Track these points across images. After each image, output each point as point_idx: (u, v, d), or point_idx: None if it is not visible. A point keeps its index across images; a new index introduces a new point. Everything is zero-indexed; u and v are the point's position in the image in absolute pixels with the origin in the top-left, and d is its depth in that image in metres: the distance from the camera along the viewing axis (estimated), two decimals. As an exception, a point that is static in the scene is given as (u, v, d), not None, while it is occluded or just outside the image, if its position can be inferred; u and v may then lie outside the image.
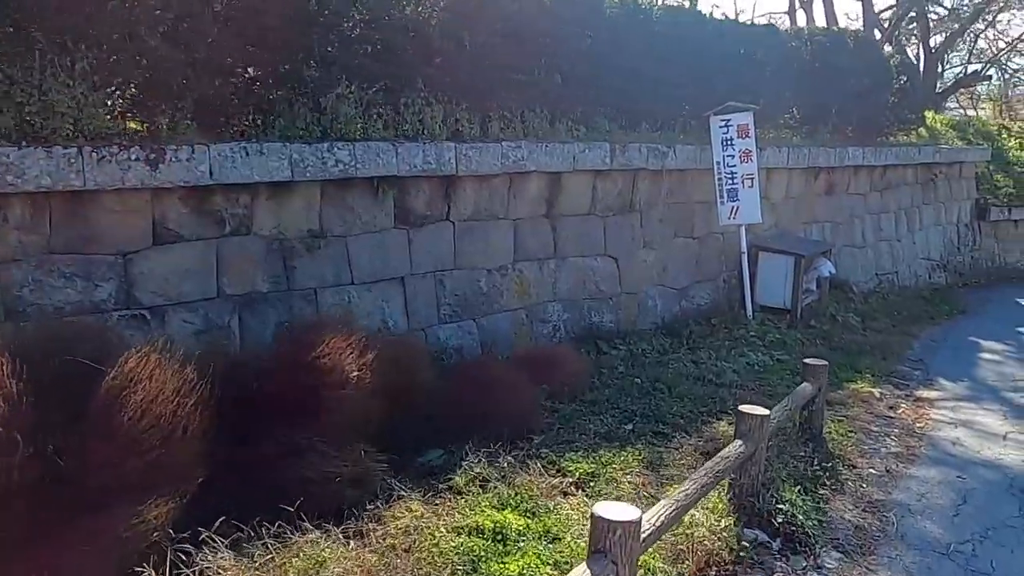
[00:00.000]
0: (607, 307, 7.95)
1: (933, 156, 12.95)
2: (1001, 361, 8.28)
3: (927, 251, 13.36)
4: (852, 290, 10.60)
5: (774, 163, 9.65)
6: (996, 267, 14.99)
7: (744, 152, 8.39)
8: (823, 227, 11.01)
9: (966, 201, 14.48)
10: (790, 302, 9.09)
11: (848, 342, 8.52)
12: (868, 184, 11.89)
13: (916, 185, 13.14)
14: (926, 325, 10.16)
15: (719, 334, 8.40)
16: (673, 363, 7.07)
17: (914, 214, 13.06)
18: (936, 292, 12.70)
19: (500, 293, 6.97)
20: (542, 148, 6.89)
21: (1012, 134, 17.19)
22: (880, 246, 12.20)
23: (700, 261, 9.05)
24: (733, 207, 8.59)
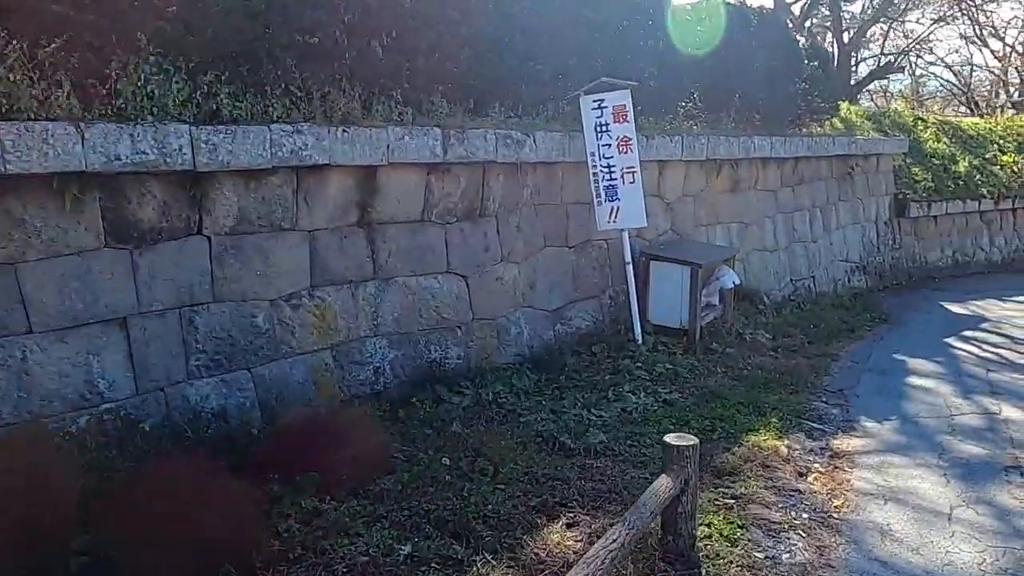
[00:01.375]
0: (453, 339, 6.22)
1: (848, 147, 11.74)
2: (932, 387, 6.91)
3: (845, 252, 12.16)
4: (763, 301, 9.18)
5: (666, 155, 8.13)
6: (918, 267, 13.97)
7: (622, 140, 6.80)
8: (729, 229, 9.57)
9: (884, 197, 13.39)
10: (687, 321, 7.56)
11: (755, 369, 7.02)
12: (779, 179, 10.55)
13: (832, 180, 11.91)
14: (846, 340, 8.80)
15: (601, 366, 6.79)
16: (528, 414, 5.40)
17: (830, 212, 11.82)
18: (856, 298, 11.47)
19: (290, 331, 5.15)
20: (337, 134, 5.11)
21: (928, 125, 16.34)
22: (794, 248, 10.87)
23: (578, 275, 7.43)
24: (613, 208, 6.99)
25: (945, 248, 14.55)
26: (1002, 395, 6.71)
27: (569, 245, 7.34)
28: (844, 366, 7.53)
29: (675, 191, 8.59)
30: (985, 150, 16.18)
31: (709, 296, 8.01)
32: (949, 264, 14.54)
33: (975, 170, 15.26)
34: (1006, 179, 15.52)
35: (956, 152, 15.55)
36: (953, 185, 14.54)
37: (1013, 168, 15.90)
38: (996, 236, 15.46)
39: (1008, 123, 18.37)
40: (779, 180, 10.55)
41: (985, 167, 15.59)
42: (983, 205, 14.80)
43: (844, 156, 11.98)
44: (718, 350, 7.44)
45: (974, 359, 8.16)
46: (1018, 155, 16.46)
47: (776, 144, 9.89)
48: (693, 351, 7.38)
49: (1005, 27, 28.14)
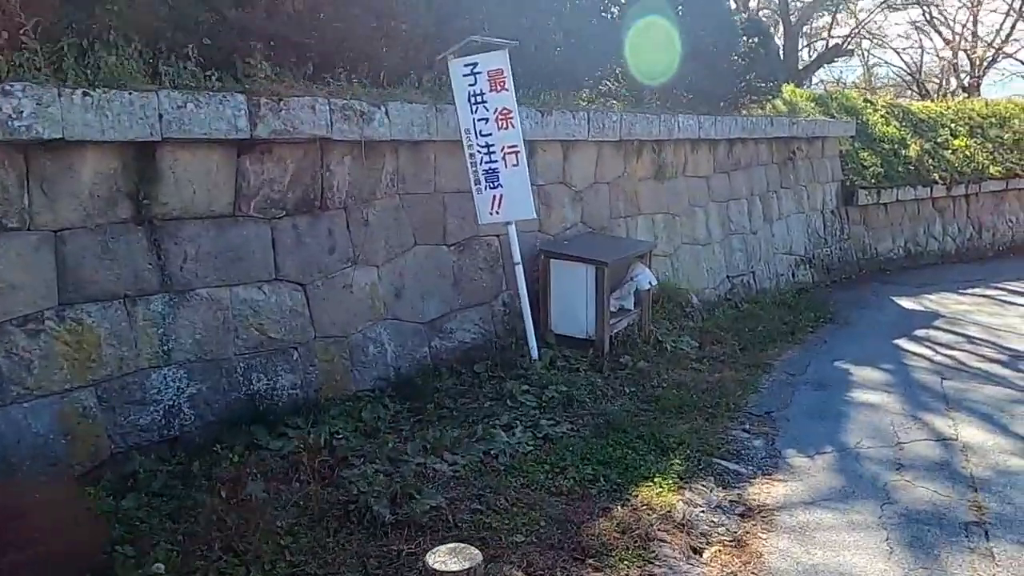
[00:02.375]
0: (285, 364, 4.93)
1: (790, 129, 10.68)
2: (879, 404, 5.81)
3: (789, 244, 11.12)
4: (691, 302, 8.04)
5: (570, 134, 6.91)
6: (867, 259, 13.02)
7: (501, 113, 5.56)
8: (653, 221, 8.41)
9: (831, 184, 12.40)
10: (593, 329, 6.37)
11: (671, 387, 5.86)
12: (712, 164, 9.43)
13: (772, 165, 10.85)
14: (784, 345, 7.70)
15: (482, 389, 5.56)
16: (358, 464, 4.13)
17: (771, 200, 10.76)
18: (801, 295, 10.42)
19: (23, 366, 3.82)
20: (75, 99, 3.78)
21: (877, 108, 15.45)
22: (731, 241, 9.77)
23: (462, 279, 6.18)
24: (494, 196, 5.75)
25: (896, 238, 13.65)
26: (959, 411, 5.65)
27: (449, 243, 6.09)
28: (777, 379, 6.41)
29: (585, 177, 7.39)
30: (937, 134, 15.33)
31: (622, 299, 6.83)
32: (901, 255, 13.64)
33: (926, 154, 14.39)
34: (958, 164, 14.68)
35: (907, 136, 14.67)
36: (904, 170, 13.64)
37: (965, 152, 15.08)
38: (949, 224, 14.62)
39: (960, 106, 17.61)
40: (712, 165, 9.43)
41: (937, 151, 14.74)
42: (935, 191, 13.93)
43: (786, 139, 10.93)
44: (629, 364, 6.26)
45: (927, 365, 7.12)
46: (970, 139, 15.67)
47: (706, 124, 8.76)
48: (599, 366, 6.19)
49: (955, 13, 27.73)
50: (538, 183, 6.84)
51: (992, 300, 10.55)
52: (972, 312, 9.75)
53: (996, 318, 9.43)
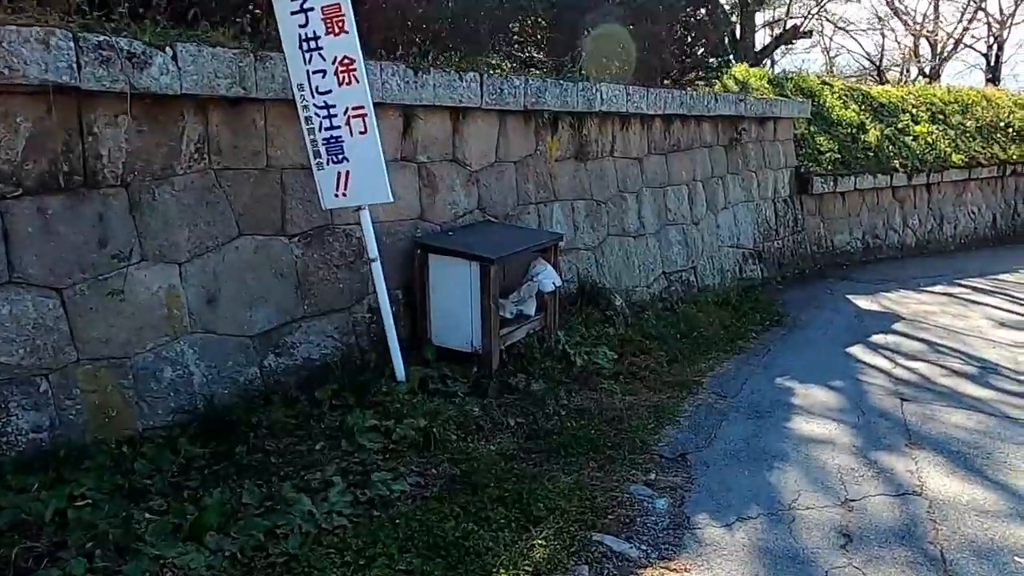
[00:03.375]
0: (26, 399, 3.60)
1: (737, 107, 9.51)
2: (825, 439, 4.66)
3: (736, 236, 9.98)
4: (614, 304, 6.82)
5: (460, 99, 5.62)
6: (823, 252, 11.98)
7: (342, 63, 4.24)
8: (573, 209, 7.17)
9: (784, 170, 11.30)
10: (480, 341, 5.12)
11: (568, 416, 4.66)
12: (645, 143, 8.21)
13: (718, 148, 9.68)
14: (721, 355, 6.55)
15: (322, 423, 4.30)
16: (64, 559, 2.83)
17: (716, 187, 9.59)
18: (748, 293, 9.29)
19: None
20: None
21: (836, 90, 14.43)
22: (668, 233, 8.58)
23: (308, 280, 4.88)
24: (339, 174, 4.46)
25: (854, 229, 12.63)
26: (923, 448, 4.53)
27: (291, 233, 4.77)
28: (705, 403, 5.23)
29: (482, 155, 6.11)
30: (897, 119, 14.36)
31: (520, 303, 5.59)
32: (859, 248, 12.64)
33: (887, 140, 13.41)
34: (920, 151, 13.72)
35: (866, 120, 13.66)
36: (863, 157, 12.62)
37: (927, 139, 14.14)
38: (910, 216, 13.67)
39: (921, 91, 16.70)
40: (646, 145, 8.22)
41: (897, 137, 13.76)
42: (896, 180, 12.94)
43: (733, 118, 9.77)
44: (521, 387, 5.03)
45: (885, 381, 6.01)
46: (932, 125, 14.75)
47: (635, 96, 7.53)
48: (484, 389, 4.95)
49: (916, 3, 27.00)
50: (419, 159, 5.56)
51: (955, 299, 9.55)
52: (935, 313, 8.72)
53: (960, 320, 8.41)
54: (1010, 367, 6.53)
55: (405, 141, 5.42)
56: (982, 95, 17.43)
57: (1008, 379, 6.18)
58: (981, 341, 7.44)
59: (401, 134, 5.39)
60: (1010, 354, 6.96)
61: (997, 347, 7.25)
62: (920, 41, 26.75)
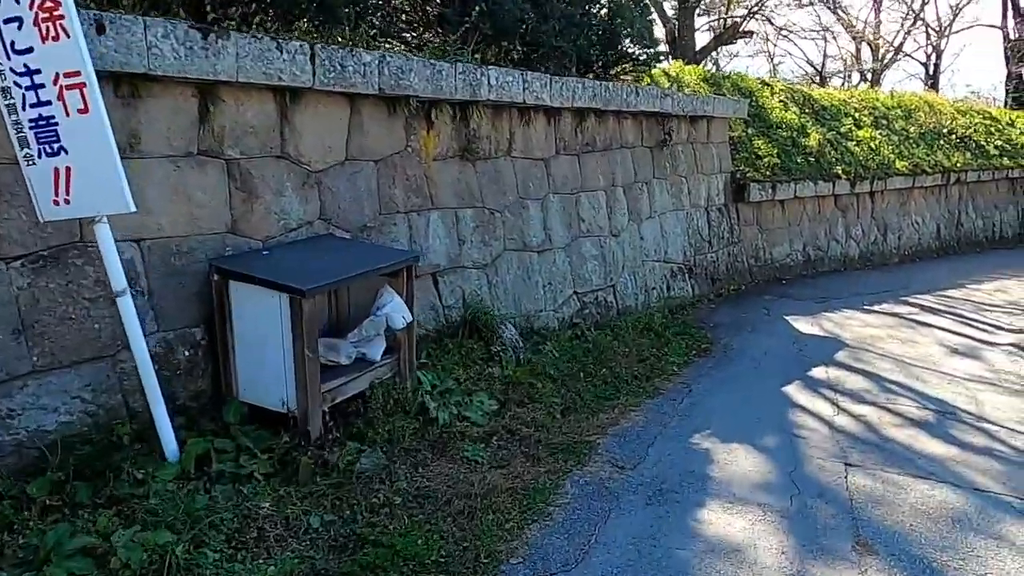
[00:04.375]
0: None
1: (663, 103, 8.38)
2: (743, 539, 3.47)
3: (663, 249, 8.85)
4: (501, 337, 5.55)
5: (285, 76, 4.29)
6: (760, 265, 10.97)
7: (43, 7, 2.89)
8: (457, 219, 5.90)
9: (719, 175, 10.25)
10: (295, 398, 3.80)
11: (400, 513, 3.37)
12: (553, 141, 7.00)
13: (643, 149, 8.54)
14: (631, 401, 5.35)
15: (18, 541, 2.91)
16: None
17: (641, 194, 8.44)
18: (675, 315, 8.17)
19: None
20: None
21: (775, 91, 13.53)
22: (582, 247, 7.38)
23: (37, 320, 3.48)
24: (58, 170, 3.08)
25: (794, 240, 11.68)
26: (875, 553, 3.37)
27: (7, 256, 3.38)
28: (594, 479, 3.99)
29: (327, 150, 4.79)
30: (840, 123, 13.53)
31: (362, 343, 4.29)
32: (799, 260, 11.69)
33: (829, 145, 12.52)
34: (863, 156, 12.89)
35: (807, 123, 12.76)
36: (804, 162, 11.68)
37: (871, 144, 13.33)
38: (853, 226, 12.81)
39: (864, 95, 15.98)
40: (553, 143, 7.00)
41: (840, 142, 12.90)
42: (838, 187, 12.04)
43: (660, 116, 8.64)
44: (346, 462, 3.71)
45: (826, 434, 4.88)
46: (875, 130, 13.97)
47: (535, 84, 6.29)
48: (295, 467, 3.62)
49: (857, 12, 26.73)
50: (227, 154, 4.21)
51: (903, 320, 8.59)
52: (881, 339, 7.71)
53: (910, 347, 7.41)
54: (971, 410, 5.49)
55: (203, 129, 4.06)
56: (924, 101, 16.84)
57: (970, 427, 5.12)
58: (935, 375, 6.42)
59: (197, 120, 4.03)
60: (968, 392, 5.94)
61: (952, 382, 6.23)
62: (862, 47, 26.40)
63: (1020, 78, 26.31)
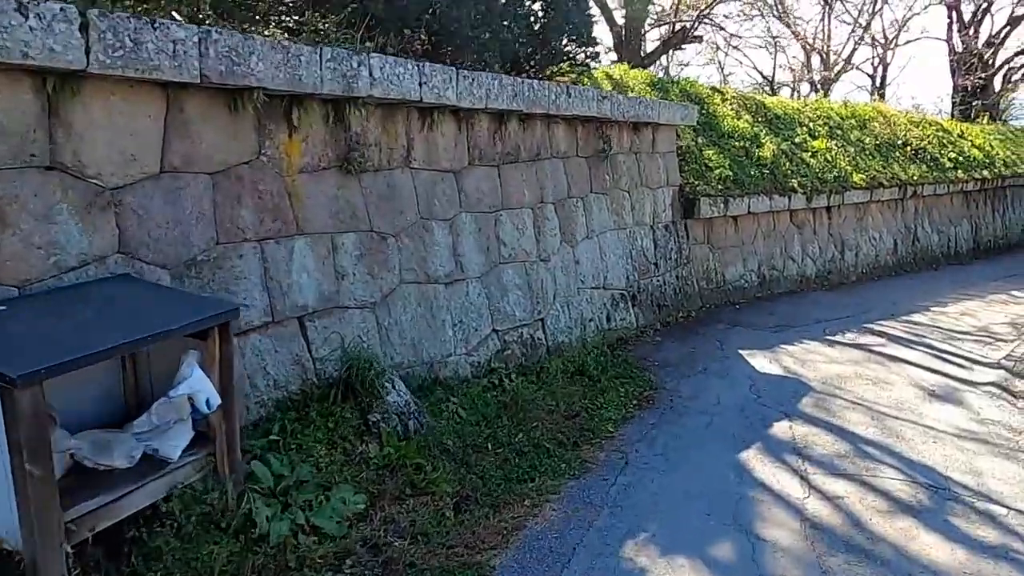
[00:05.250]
0: None
1: (600, 106, 7.26)
2: None
3: (602, 274, 7.73)
4: (383, 400, 4.31)
5: (38, 55, 3.00)
6: (712, 288, 9.96)
7: None
8: (334, 246, 4.64)
9: (665, 188, 9.21)
10: (18, 533, 2.49)
11: None
12: (465, 150, 5.80)
13: (578, 160, 7.41)
14: (549, 485, 4.16)
15: None
16: None
17: (575, 211, 7.31)
18: (615, 352, 7.06)
19: None
20: None
21: (727, 98, 12.61)
22: (502, 276, 6.19)
23: None
24: None
25: (748, 260, 10.72)
26: None
27: None
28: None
29: (131, 160, 3.50)
30: (794, 133, 12.67)
31: (152, 436, 3.01)
32: (754, 282, 10.73)
33: (784, 156, 11.62)
34: (819, 169, 12.03)
35: (761, 133, 11.85)
36: (758, 175, 10.74)
37: (827, 156, 12.50)
38: (809, 243, 11.93)
39: (818, 105, 15.22)
40: (465, 153, 5.81)
41: (795, 153, 12.02)
42: (794, 202, 11.13)
43: (598, 122, 7.53)
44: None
45: (795, 538, 3.77)
46: (831, 140, 13.16)
47: (436, 78, 5.08)
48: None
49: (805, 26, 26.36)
50: (-50, 166, 2.89)
51: (870, 355, 7.62)
52: (849, 378, 6.70)
53: (883, 390, 6.41)
54: (969, 484, 4.46)
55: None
56: (878, 111, 16.19)
57: (974, 513, 4.08)
58: (917, 431, 5.40)
59: None
60: (962, 455, 4.92)
61: (939, 440, 5.22)
62: (813, 56, 25.98)
63: (967, 91, 26.25)
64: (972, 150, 16.87)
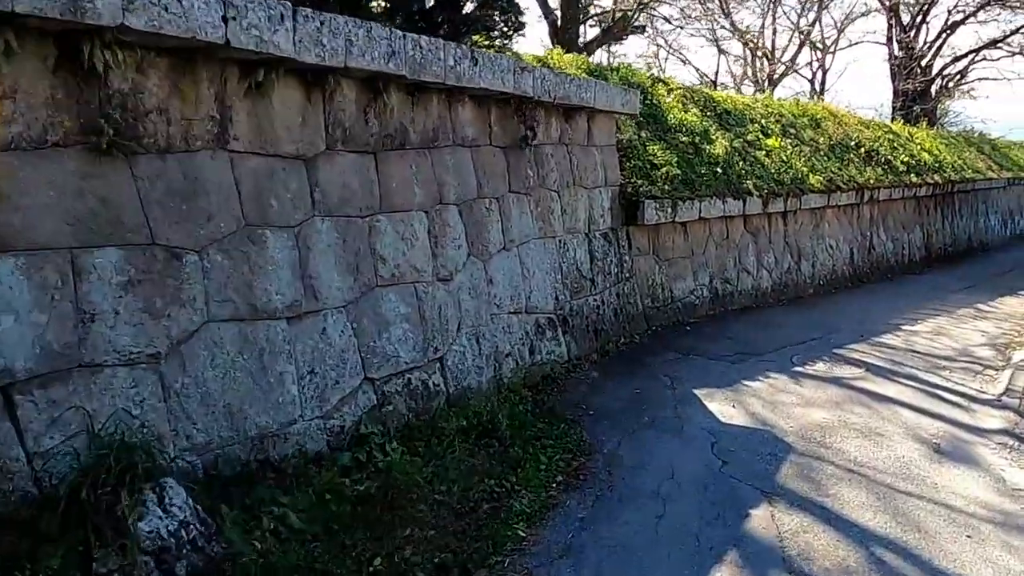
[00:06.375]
0: None
1: (518, 81, 5.67)
2: None
3: (524, 295, 6.15)
4: (132, 531, 2.61)
5: None
6: (659, 306, 8.49)
7: None
8: (57, 274, 2.92)
9: (604, 189, 7.70)
10: None
11: None
12: (322, 128, 4.12)
13: (491, 149, 5.81)
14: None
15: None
16: None
17: (488, 215, 5.70)
18: (538, 396, 5.48)
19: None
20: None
21: (672, 88, 11.24)
22: (379, 304, 4.52)
23: None
24: None
25: (699, 273, 9.31)
26: None
27: None
28: None
29: None
30: (746, 130, 11.36)
31: None
32: (705, 297, 9.32)
33: (737, 154, 10.28)
34: (775, 169, 10.75)
35: (711, 128, 10.49)
36: (709, 175, 9.34)
37: (782, 156, 11.23)
38: (765, 252, 10.62)
39: (768, 101, 14.02)
40: (322, 132, 4.13)
41: (748, 151, 10.70)
42: (750, 206, 9.78)
43: (518, 103, 5.94)
44: None
45: None
46: (785, 139, 11.92)
47: (256, 12, 3.39)
48: None
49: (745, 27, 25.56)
50: None
51: (850, 392, 6.24)
52: (833, 429, 5.28)
53: (877, 446, 5.00)
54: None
55: None
56: (829, 111, 15.13)
57: None
58: (938, 517, 3.97)
59: None
60: (1010, 559, 3.50)
61: (973, 534, 3.80)
62: (758, 58, 25.13)
63: (907, 95, 25.82)
64: (922, 154, 16.02)
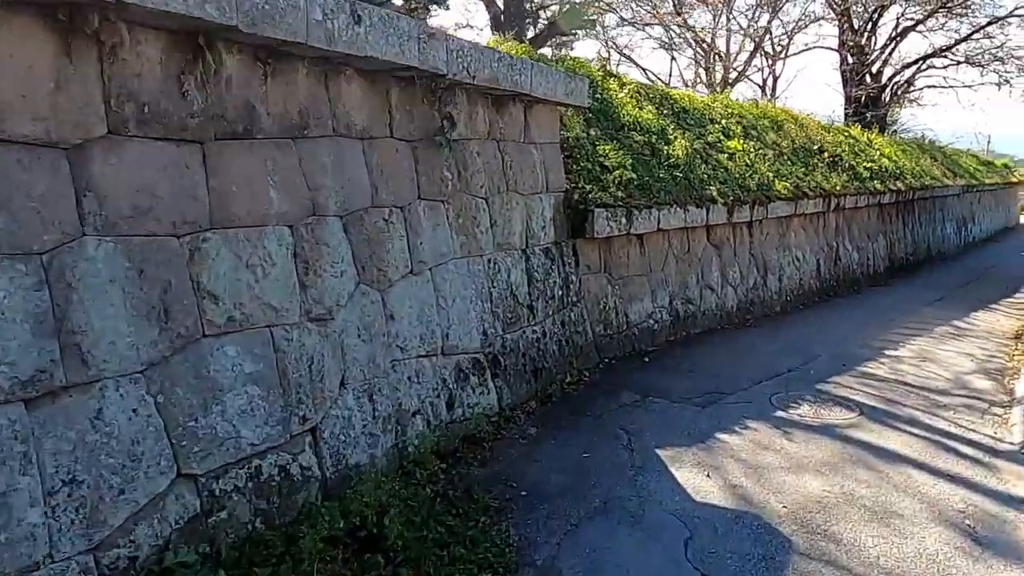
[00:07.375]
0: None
1: (424, 51, 4.32)
2: None
3: (442, 331, 4.78)
4: None
5: None
6: (612, 334, 7.21)
7: None
8: None
9: (545, 196, 6.40)
10: None
11: None
12: (95, 97, 2.70)
13: (393, 142, 4.44)
14: None
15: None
16: None
17: (388, 230, 4.33)
18: (454, 471, 4.10)
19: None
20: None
21: (625, 83, 10.06)
22: (205, 362, 3.11)
23: None
24: None
25: (658, 292, 8.09)
26: None
27: None
28: None
29: None
30: (706, 130, 10.23)
31: None
32: (665, 321, 8.09)
33: (698, 157, 9.11)
34: (739, 175, 9.61)
35: (669, 127, 9.31)
36: (669, 179, 8.12)
37: (745, 159, 10.12)
38: (730, 266, 9.46)
39: (726, 102, 12.96)
40: (97, 103, 2.71)
41: (709, 154, 9.55)
42: (713, 215, 8.61)
43: (428, 82, 4.59)
44: None
45: None
46: (747, 141, 10.83)
47: None
48: None
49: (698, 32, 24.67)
50: None
51: (847, 447, 5.04)
52: (836, 508, 4.05)
53: (899, 536, 3.79)
54: None
55: None
56: (789, 114, 14.19)
57: None
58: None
59: None
60: None
61: None
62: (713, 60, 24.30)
63: (859, 102, 25.34)
64: (882, 160, 15.24)
